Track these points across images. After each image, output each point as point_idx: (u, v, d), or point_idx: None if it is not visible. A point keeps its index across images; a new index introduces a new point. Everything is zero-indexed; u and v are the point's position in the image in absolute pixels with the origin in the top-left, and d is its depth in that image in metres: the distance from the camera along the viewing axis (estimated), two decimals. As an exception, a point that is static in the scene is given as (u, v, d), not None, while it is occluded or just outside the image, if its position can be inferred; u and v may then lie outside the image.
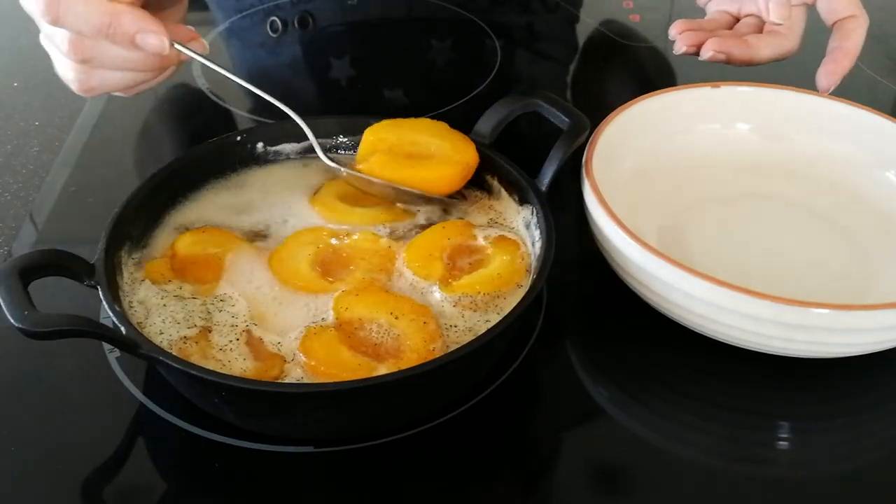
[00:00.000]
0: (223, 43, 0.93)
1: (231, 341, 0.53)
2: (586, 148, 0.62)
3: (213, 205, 0.63)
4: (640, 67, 0.92)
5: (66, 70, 0.60)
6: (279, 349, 0.52)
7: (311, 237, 0.59)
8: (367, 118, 0.65)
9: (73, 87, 0.61)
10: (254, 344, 0.53)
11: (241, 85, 0.61)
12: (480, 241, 0.59)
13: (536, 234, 0.58)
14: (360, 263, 0.58)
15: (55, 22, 0.55)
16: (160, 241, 0.60)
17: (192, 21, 0.90)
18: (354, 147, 0.65)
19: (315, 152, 0.62)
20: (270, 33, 0.91)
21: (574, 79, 0.90)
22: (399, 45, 0.93)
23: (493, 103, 0.64)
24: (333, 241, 0.59)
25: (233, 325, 0.54)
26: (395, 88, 0.86)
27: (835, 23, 0.70)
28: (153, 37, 0.55)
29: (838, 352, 0.56)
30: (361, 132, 0.65)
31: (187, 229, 0.60)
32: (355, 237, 0.59)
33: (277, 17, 0.92)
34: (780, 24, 0.69)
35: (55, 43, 0.58)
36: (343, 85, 0.86)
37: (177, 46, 0.59)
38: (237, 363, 0.51)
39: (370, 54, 0.91)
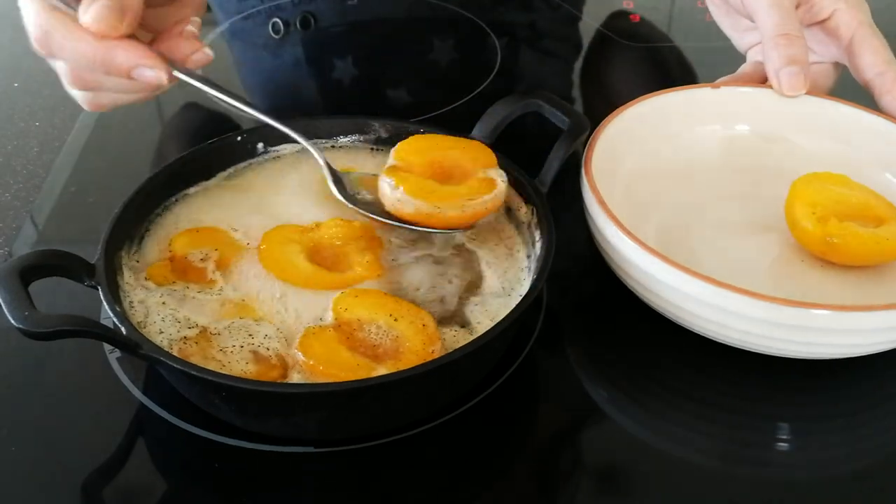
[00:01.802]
0: (225, 44, 0.93)
1: (234, 345, 0.53)
2: (586, 148, 0.62)
3: (214, 206, 0.63)
4: (640, 68, 0.92)
5: (74, 91, 0.60)
6: (282, 360, 0.52)
7: (284, 236, 0.59)
8: (368, 119, 0.66)
9: (84, 106, 0.60)
10: (259, 352, 0.53)
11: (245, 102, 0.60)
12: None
13: (536, 234, 0.58)
14: (350, 249, 0.58)
15: (49, 56, 0.55)
16: (160, 241, 0.60)
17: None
18: (355, 148, 0.65)
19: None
20: (273, 34, 0.91)
21: (574, 79, 0.90)
22: (400, 45, 0.93)
23: (493, 103, 0.64)
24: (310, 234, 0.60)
25: (249, 334, 0.53)
26: (397, 88, 0.86)
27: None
28: (149, 71, 0.54)
29: (838, 353, 0.56)
30: (362, 132, 0.65)
31: (186, 223, 0.61)
32: (327, 228, 0.60)
33: (279, 18, 0.92)
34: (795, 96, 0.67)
35: (57, 70, 0.58)
36: (345, 85, 0.87)
37: (177, 74, 0.56)
38: (238, 364, 0.51)
39: (372, 55, 0.91)
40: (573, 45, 0.95)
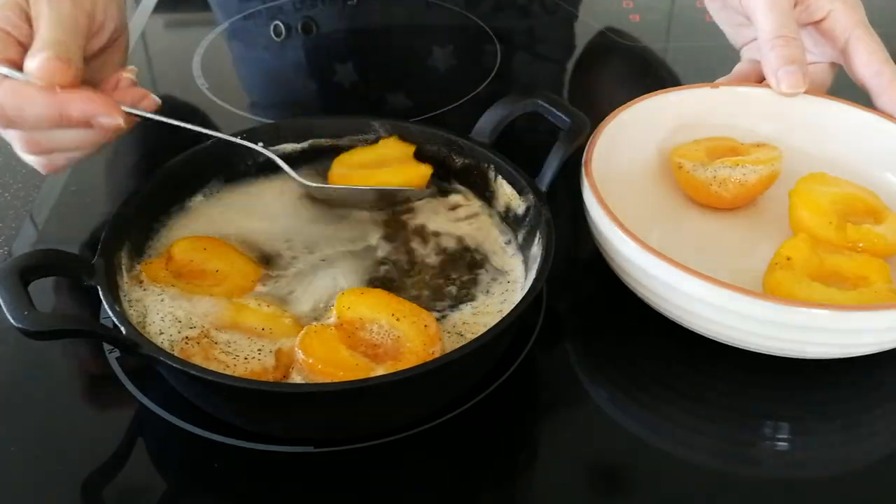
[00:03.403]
0: (226, 44, 0.93)
1: (237, 346, 0.52)
2: (586, 148, 0.62)
3: (214, 207, 0.63)
4: (640, 68, 0.92)
5: (29, 158, 0.60)
6: (284, 360, 0.52)
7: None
8: (368, 118, 0.66)
9: (41, 171, 0.60)
10: (261, 352, 0.52)
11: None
12: None
13: (536, 233, 0.58)
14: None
15: (9, 126, 0.55)
16: (161, 241, 0.60)
17: (193, 21, 0.91)
18: (351, 147, 0.66)
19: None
20: (274, 37, 0.91)
21: (574, 79, 0.90)
22: (400, 51, 0.93)
23: (490, 105, 0.64)
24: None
25: (251, 335, 0.54)
26: (397, 91, 0.86)
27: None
28: (106, 118, 0.54)
29: (838, 353, 0.56)
30: (363, 132, 0.65)
31: (188, 231, 0.61)
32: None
33: (281, 21, 0.92)
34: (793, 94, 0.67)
35: (11, 142, 0.58)
36: (346, 88, 0.87)
37: (130, 111, 0.58)
38: (240, 365, 0.51)
39: (372, 60, 0.91)
40: (572, 46, 0.95)
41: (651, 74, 0.91)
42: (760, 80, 0.70)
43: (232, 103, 0.82)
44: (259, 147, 0.63)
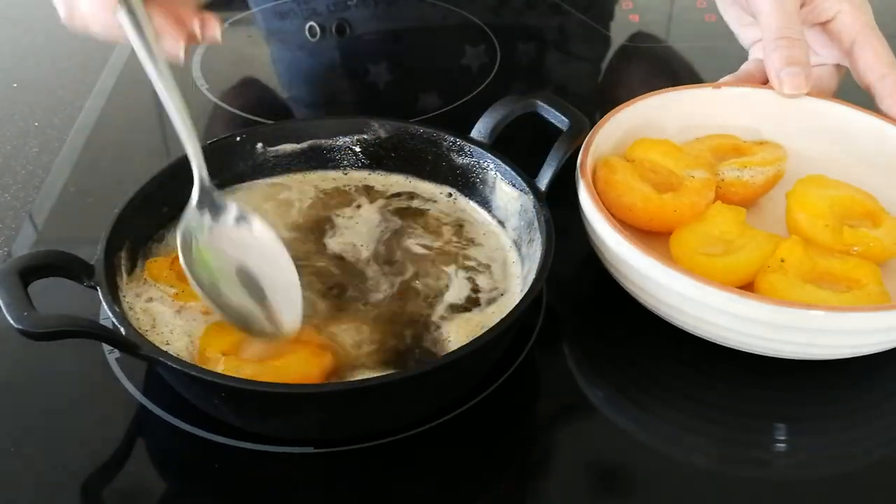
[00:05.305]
0: (264, 43, 0.96)
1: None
2: (581, 149, 0.62)
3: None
4: (640, 67, 0.92)
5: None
6: None
7: None
8: (368, 118, 0.66)
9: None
10: None
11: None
12: None
13: (535, 234, 0.58)
14: None
15: (79, 31, 0.60)
16: (162, 242, 0.60)
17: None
18: (351, 148, 0.65)
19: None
20: (309, 37, 0.93)
21: (574, 79, 0.90)
22: (433, 51, 0.94)
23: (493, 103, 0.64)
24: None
25: None
26: (429, 92, 0.87)
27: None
28: (168, 40, 0.58)
29: (837, 353, 0.56)
30: (362, 132, 0.65)
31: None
32: None
33: (315, 22, 0.94)
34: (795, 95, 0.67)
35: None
36: (379, 88, 0.88)
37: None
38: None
39: (405, 61, 0.92)
40: (601, 46, 0.95)
41: (651, 74, 0.91)
42: (766, 79, 0.70)
43: (232, 104, 0.82)
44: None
